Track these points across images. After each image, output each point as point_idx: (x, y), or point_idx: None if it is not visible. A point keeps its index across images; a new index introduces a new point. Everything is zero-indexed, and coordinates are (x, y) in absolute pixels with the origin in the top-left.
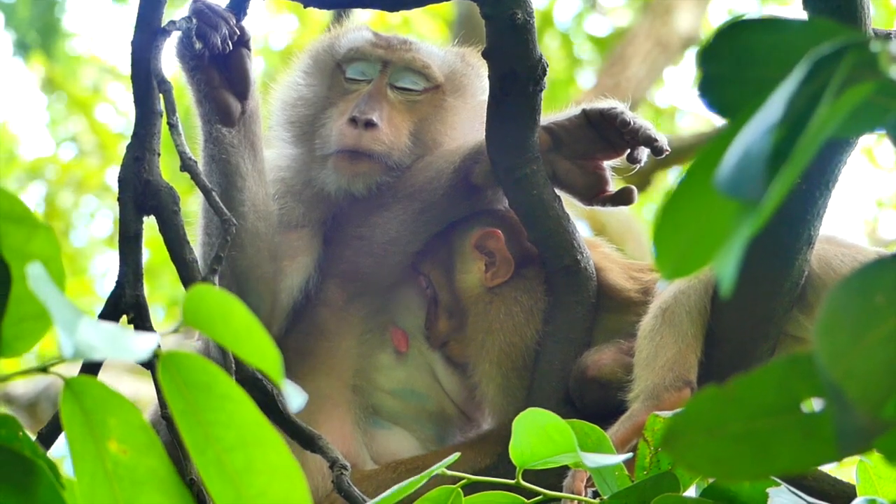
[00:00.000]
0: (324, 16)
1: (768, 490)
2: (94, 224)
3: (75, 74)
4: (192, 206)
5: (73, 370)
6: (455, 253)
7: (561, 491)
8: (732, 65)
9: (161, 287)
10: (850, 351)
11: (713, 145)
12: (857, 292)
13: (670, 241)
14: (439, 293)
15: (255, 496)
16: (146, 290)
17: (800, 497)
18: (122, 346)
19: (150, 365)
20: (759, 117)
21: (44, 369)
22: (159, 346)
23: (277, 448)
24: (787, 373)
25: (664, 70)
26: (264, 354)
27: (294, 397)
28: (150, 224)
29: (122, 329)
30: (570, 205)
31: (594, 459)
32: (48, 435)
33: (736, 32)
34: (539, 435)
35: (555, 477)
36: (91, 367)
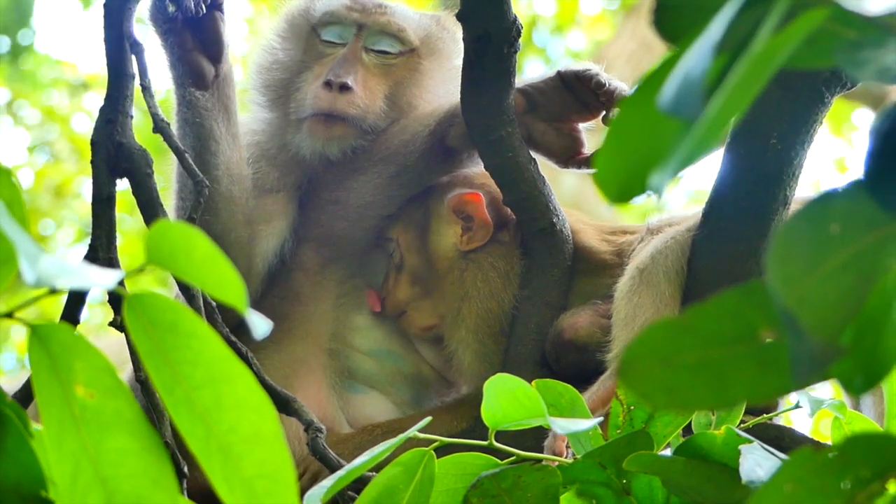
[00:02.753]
0: None
1: (741, 447)
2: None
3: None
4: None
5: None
6: (431, 215)
7: (537, 452)
8: None
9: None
10: (804, 279)
11: (658, 69)
12: (812, 221)
13: (615, 163)
14: (406, 257)
15: (225, 432)
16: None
17: (773, 454)
18: (86, 276)
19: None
20: (701, 40)
21: (9, 315)
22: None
23: (246, 383)
24: (743, 302)
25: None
26: (228, 286)
27: (258, 325)
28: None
29: (86, 263)
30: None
31: (563, 425)
32: (23, 398)
33: None
34: (509, 399)
35: (532, 440)
36: (71, 317)
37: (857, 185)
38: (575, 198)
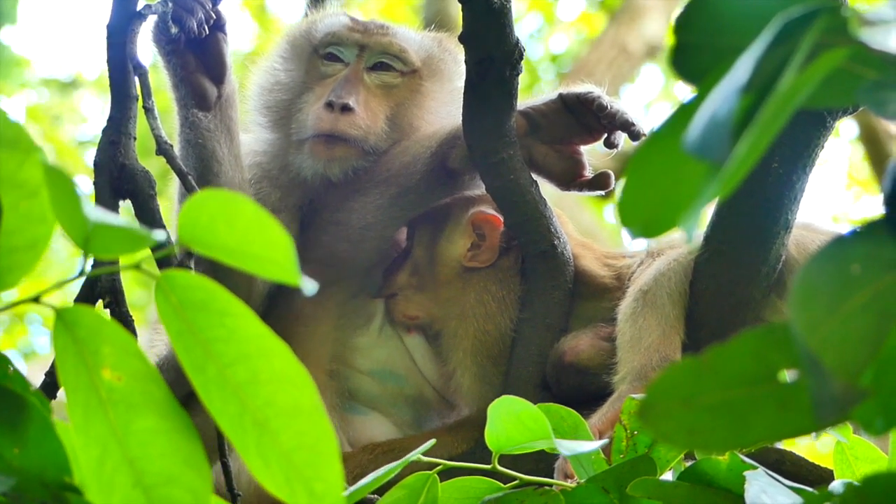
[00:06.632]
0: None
1: (745, 473)
2: None
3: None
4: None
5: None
6: (450, 219)
7: (538, 475)
8: (706, 33)
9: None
10: (826, 320)
11: (682, 109)
12: (833, 262)
13: (638, 201)
14: (416, 248)
15: (261, 406)
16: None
17: (777, 480)
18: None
19: None
20: (727, 80)
21: (35, 299)
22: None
23: (283, 357)
24: (763, 343)
25: (629, 77)
26: (277, 253)
27: (308, 286)
28: None
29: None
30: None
31: (569, 446)
32: (50, 385)
33: (709, 1)
34: (514, 422)
35: (532, 462)
36: (87, 298)
37: (877, 225)
38: (557, 202)
